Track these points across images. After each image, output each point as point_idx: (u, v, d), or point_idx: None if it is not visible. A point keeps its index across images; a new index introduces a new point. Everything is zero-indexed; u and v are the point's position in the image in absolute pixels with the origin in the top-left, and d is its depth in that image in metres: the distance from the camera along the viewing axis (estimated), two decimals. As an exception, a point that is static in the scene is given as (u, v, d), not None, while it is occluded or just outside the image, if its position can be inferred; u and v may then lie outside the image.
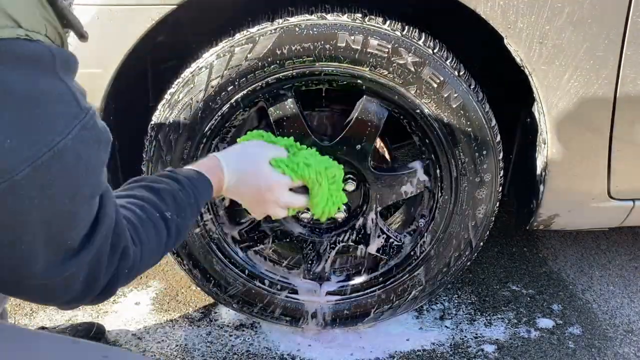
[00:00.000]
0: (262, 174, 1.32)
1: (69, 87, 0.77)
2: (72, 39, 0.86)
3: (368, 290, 1.74)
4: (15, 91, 0.70)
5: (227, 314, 1.89)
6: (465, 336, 1.84)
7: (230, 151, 1.35)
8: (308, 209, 1.45)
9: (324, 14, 1.42)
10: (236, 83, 1.45)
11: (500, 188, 1.60)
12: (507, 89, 1.70)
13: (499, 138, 1.55)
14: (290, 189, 1.37)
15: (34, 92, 0.72)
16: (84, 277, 0.87)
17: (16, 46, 0.67)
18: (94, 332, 1.72)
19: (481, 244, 1.67)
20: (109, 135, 0.85)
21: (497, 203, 1.62)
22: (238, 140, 1.44)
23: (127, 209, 1.00)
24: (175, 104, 1.48)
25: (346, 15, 1.42)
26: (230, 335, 1.82)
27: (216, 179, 1.23)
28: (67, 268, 0.82)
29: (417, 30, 1.45)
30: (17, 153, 0.71)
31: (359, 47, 1.41)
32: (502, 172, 1.58)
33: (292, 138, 1.46)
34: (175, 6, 1.38)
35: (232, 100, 1.48)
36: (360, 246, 1.72)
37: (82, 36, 0.82)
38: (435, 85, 1.45)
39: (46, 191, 0.75)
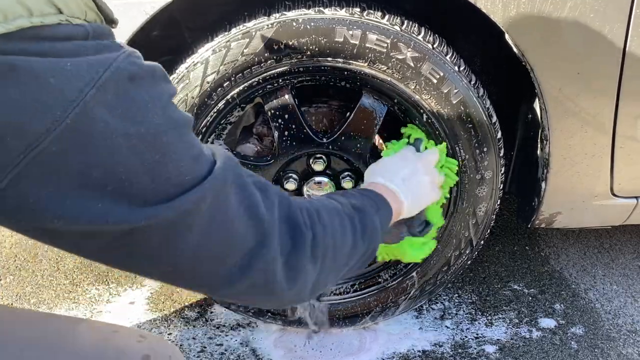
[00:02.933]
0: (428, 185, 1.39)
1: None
2: None
3: (365, 290, 1.72)
4: None
5: (223, 314, 1.87)
6: (466, 336, 1.81)
7: (403, 182, 1.32)
8: None
9: (321, 8, 1.40)
10: (232, 79, 1.43)
11: (501, 185, 1.58)
12: (508, 85, 1.68)
13: (499, 134, 1.53)
14: None
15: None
16: (240, 212, 0.81)
17: (58, 31, 0.65)
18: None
19: (482, 242, 1.65)
20: (162, 70, 0.77)
21: (498, 201, 1.60)
22: (385, 153, 1.48)
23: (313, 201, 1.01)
24: (170, 100, 1.45)
25: (344, 9, 1.40)
26: (227, 335, 1.80)
27: (396, 207, 1.24)
28: (191, 197, 0.75)
29: (416, 25, 1.43)
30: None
31: (357, 42, 1.39)
32: (503, 169, 1.56)
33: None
34: (169, 0, 1.36)
35: (228, 97, 1.45)
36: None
37: (112, 22, 0.78)
38: (435, 81, 1.43)
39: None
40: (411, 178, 1.33)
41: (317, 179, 1.59)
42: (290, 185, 1.59)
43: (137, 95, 0.70)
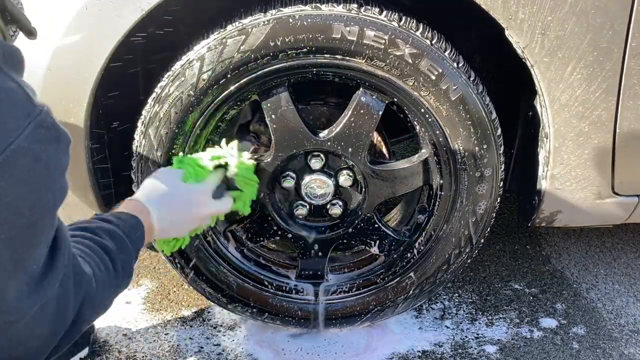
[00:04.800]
0: (190, 203, 1.33)
1: (17, 82, 0.71)
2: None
3: (365, 290, 1.71)
4: None
5: (220, 314, 1.86)
6: (466, 336, 1.80)
7: (153, 194, 1.29)
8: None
9: (318, 4, 1.38)
10: (228, 76, 1.41)
11: (502, 183, 1.57)
12: (508, 82, 1.67)
13: (499, 131, 1.51)
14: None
15: None
16: (54, 311, 0.80)
17: None
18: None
19: (482, 241, 1.64)
20: (68, 136, 0.78)
21: (498, 199, 1.59)
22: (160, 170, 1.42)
23: (72, 243, 0.95)
24: (165, 98, 1.44)
25: (341, 5, 1.39)
26: (224, 336, 1.78)
27: (146, 221, 1.20)
28: (37, 298, 0.75)
29: (414, 21, 1.42)
30: None
31: (354, 39, 1.38)
32: (503, 167, 1.55)
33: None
34: (165, -4, 1.35)
35: (224, 94, 1.44)
36: (356, 244, 1.69)
37: (30, 33, 0.75)
38: (434, 78, 1.42)
39: (2, 200, 0.67)
40: (182, 223, 1.33)
41: (315, 176, 1.57)
42: (288, 184, 1.57)
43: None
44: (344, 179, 1.57)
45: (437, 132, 1.48)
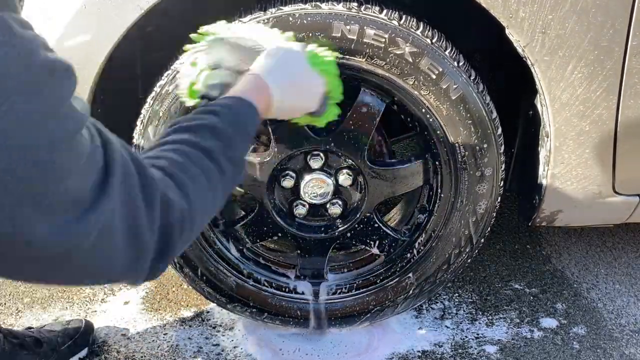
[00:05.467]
0: (307, 81, 1.27)
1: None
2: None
3: (364, 289, 1.70)
4: None
5: (219, 314, 1.85)
6: (466, 336, 1.79)
7: (271, 65, 1.22)
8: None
9: (318, 3, 1.38)
10: (228, 75, 1.41)
11: (502, 183, 1.56)
12: (508, 81, 1.66)
13: (500, 131, 1.51)
14: None
15: None
16: (123, 235, 0.80)
17: None
18: (82, 331, 1.68)
19: (482, 240, 1.63)
20: (65, 63, 0.74)
21: (499, 198, 1.58)
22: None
23: (161, 157, 0.92)
24: (165, 97, 1.44)
25: (341, 4, 1.38)
26: (223, 336, 1.78)
27: (263, 99, 1.13)
28: (85, 225, 0.74)
29: (414, 20, 1.41)
30: None
31: (354, 37, 1.37)
32: (503, 166, 1.54)
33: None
34: (164, -5, 1.35)
35: (224, 93, 1.43)
36: (356, 243, 1.68)
37: None
38: (434, 77, 1.41)
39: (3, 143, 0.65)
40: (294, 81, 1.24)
41: (315, 176, 1.56)
42: (287, 183, 1.57)
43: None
44: (344, 179, 1.57)
45: (438, 131, 1.48)
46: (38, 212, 0.70)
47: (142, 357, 1.68)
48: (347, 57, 1.39)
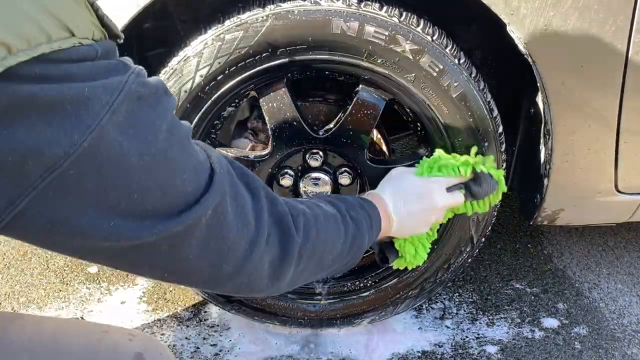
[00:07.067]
0: (423, 194, 1.31)
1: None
2: None
3: (364, 290, 1.69)
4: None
5: (217, 314, 1.84)
6: (467, 336, 1.78)
7: (386, 185, 1.33)
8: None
9: (317, 0, 1.36)
10: (226, 72, 1.39)
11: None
12: (509, 78, 1.65)
13: (501, 129, 1.50)
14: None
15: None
16: (277, 238, 0.92)
17: (71, 53, 0.66)
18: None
19: (483, 240, 1.62)
20: (155, 85, 0.78)
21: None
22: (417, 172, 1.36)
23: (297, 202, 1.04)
24: (162, 95, 1.42)
25: (341, 0, 1.37)
26: (221, 336, 1.76)
27: (382, 210, 1.23)
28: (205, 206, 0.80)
29: (415, 17, 1.40)
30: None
31: (354, 34, 1.36)
32: (504, 165, 1.53)
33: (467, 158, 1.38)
34: (161, -9, 1.33)
35: (222, 90, 1.42)
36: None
37: (116, 37, 0.78)
38: (435, 74, 1.40)
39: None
40: (416, 214, 1.29)
41: (314, 175, 1.55)
42: (286, 182, 1.55)
43: (146, 115, 0.72)
44: (343, 177, 1.55)
45: (438, 129, 1.46)
46: (165, 201, 0.76)
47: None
48: (347, 54, 1.38)
